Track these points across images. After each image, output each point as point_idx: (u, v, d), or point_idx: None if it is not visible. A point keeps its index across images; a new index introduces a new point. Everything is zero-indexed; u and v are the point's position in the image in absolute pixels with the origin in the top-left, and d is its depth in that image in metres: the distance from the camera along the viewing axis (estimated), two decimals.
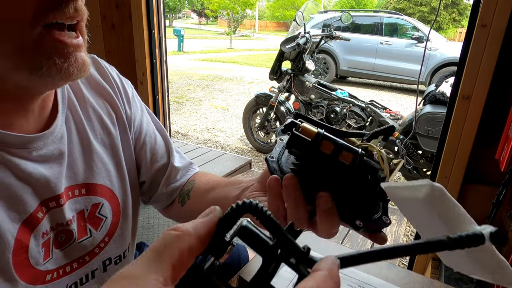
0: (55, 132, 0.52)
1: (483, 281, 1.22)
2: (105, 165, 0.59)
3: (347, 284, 0.65)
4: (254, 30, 31.38)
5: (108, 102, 0.62)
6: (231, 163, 3.23)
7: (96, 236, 0.57)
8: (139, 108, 0.69)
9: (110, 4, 2.01)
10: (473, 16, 1.24)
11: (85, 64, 0.45)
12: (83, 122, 0.57)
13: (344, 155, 0.37)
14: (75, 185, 0.55)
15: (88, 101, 0.59)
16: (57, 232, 0.52)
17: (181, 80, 7.85)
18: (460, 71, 1.31)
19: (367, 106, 3.11)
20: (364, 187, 0.39)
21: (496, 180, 1.25)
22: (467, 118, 1.31)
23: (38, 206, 0.49)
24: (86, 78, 0.60)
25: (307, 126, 0.38)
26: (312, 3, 4.04)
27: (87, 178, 0.56)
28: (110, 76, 0.64)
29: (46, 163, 0.50)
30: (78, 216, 0.55)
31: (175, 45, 13.20)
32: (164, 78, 2.17)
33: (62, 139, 0.53)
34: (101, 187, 0.58)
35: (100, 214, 0.58)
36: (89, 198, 0.57)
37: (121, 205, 0.62)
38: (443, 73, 4.88)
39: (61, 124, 0.53)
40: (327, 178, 0.39)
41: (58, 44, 0.42)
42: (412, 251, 0.23)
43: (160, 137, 0.72)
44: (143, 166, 0.68)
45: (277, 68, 3.49)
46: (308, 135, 0.37)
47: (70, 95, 0.57)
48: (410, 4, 21.51)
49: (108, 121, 0.61)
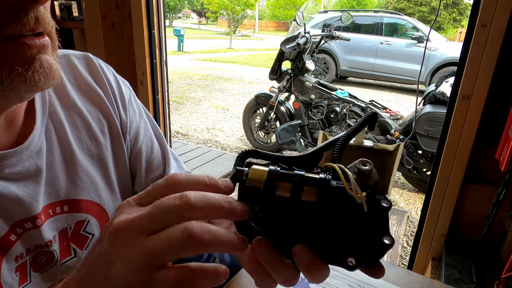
0: (31, 145, 0.47)
1: (483, 281, 1.23)
2: (91, 179, 0.55)
3: (347, 284, 0.65)
4: (254, 30, 31.37)
5: (99, 108, 0.57)
6: (231, 163, 3.23)
7: (81, 256, 0.53)
8: (136, 113, 0.64)
9: (110, 4, 2.01)
10: (473, 16, 1.24)
11: (52, 69, 0.39)
12: (66, 132, 0.52)
13: (306, 192, 0.29)
14: (56, 201, 0.51)
15: (75, 107, 0.54)
16: (35, 255, 0.48)
17: (181, 80, 7.85)
18: (460, 71, 1.31)
19: (367, 106, 3.11)
20: (348, 219, 0.31)
21: (496, 180, 1.25)
22: (467, 118, 1.31)
23: (9, 229, 0.45)
24: (75, 79, 0.56)
25: (257, 168, 0.30)
26: (312, 3, 4.04)
27: (70, 194, 0.52)
28: (105, 78, 0.58)
29: (20, 182, 0.46)
30: (60, 235, 0.51)
31: (175, 45, 13.19)
32: (164, 78, 2.17)
33: (40, 153, 0.48)
34: (86, 202, 0.54)
35: (86, 231, 0.54)
36: (72, 216, 0.52)
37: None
38: (443, 73, 4.87)
39: (39, 136, 0.48)
40: (299, 225, 0.31)
41: (18, 47, 0.36)
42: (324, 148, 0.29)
43: (158, 145, 0.67)
44: (138, 176, 0.64)
45: (277, 68, 3.49)
46: (258, 181, 0.29)
47: (52, 100, 0.52)
48: (410, 4, 21.50)
49: (97, 129, 0.56)
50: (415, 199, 3.03)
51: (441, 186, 1.42)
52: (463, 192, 1.40)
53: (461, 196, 1.41)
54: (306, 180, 0.30)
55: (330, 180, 0.30)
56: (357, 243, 0.30)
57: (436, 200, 1.45)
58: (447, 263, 1.35)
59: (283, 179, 0.30)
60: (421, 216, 1.55)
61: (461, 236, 1.47)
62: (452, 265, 1.33)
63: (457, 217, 1.44)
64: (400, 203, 2.95)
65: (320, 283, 0.66)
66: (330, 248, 0.31)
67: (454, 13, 20.38)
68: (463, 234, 1.46)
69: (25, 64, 0.37)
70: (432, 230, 1.49)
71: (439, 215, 1.45)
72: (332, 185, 0.30)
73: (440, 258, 1.47)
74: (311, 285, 0.65)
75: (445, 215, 1.44)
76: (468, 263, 1.33)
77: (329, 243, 0.31)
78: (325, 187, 0.29)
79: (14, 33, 0.35)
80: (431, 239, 1.50)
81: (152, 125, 0.67)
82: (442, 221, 1.46)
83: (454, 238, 1.47)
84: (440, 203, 1.44)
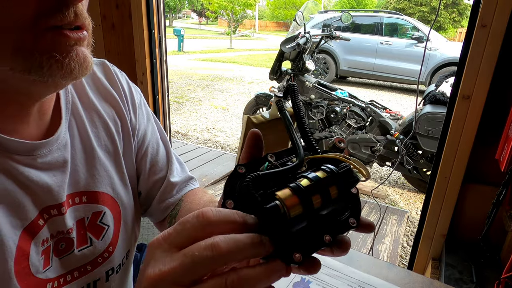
0: (59, 139, 0.51)
1: (483, 281, 1.23)
2: (108, 173, 0.58)
3: (347, 284, 0.65)
4: (254, 30, 31.37)
5: (114, 109, 0.61)
6: (231, 163, 3.23)
7: (97, 246, 0.56)
8: (145, 117, 0.68)
9: (110, 4, 2.01)
10: (473, 16, 1.24)
11: (86, 60, 0.43)
12: (86, 128, 0.56)
13: (332, 192, 0.31)
14: (77, 192, 0.54)
15: (94, 106, 0.58)
16: (57, 240, 0.51)
17: (181, 80, 7.85)
18: (460, 71, 1.31)
19: (367, 106, 3.11)
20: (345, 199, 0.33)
21: (496, 180, 1.25)
22: (467, 118, 1.31)
23: (38, 213, 0.48)
24: (93, 82, 0.60)
25: (285, 196, 0.30)
26: (312, 3, 4.04)
27: (89, 186, 0.56)
28: (119, 83, 0.63)
29: (50, 171, 0.50)
30: (78, 224, 0.54)
31: (175, 45, 13.20)
32: (164, 78, 2.17)
33: (66, 146, 0.52)
34: (102, 195, 0.57)
35: (102, 222, 0.57)
36: (90, 206, 0.56)
37: (122, 214, 0.61)
38: (443, 73, 4.88)
39: (65, 130, 0.53)
40: (307, 230, 0.31)
41: (58, 38, 0.40)
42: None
43: (163, 148, 0.70)
44: (142, 176, 0.67)
45: (277, 68, 3.49)
46: (297, 207, 0.29)
47: (74, 99, 0.56)
48: (410, 4, 21.50)
49: (113, 127, 0.60)
50: (415, 199, 3.03)
51: (441, 186, 1.42)
52: (463, 192, 1.40)
53: (461, 196, 1.41)
54: (326, 181, 0.31)
55: (344, 170, 0.32)
56: (335, 223, 0.32)
57: (436, 200, 1.45)
58: (447, 263, 1.35)
59: (312, 192, 0.30)
60: (421, 216, 1.55)
61: (461, 236, 1.47)
62: (452, 265, 1.33)
63: (457, 217, 1.44)
64: (400, 203, 2.95)
65: (320, 283, 0.66)
66: (318, 237, 0.32)
67: (454, 13, 20.39)
68: (463, 234, 1.46)
69: (63, 52, 0.40)
70: (432, 230, 1.49)
71: (439, 215, 1.45)
72: (350, 174, 0.33)
73: (440, 258, 1.47)
74: (311, 285, 0.65)
75: (445, 215, 1.44)
76: (468, 263, 1.33)
77: (319, 233, 0.32)
78: (342, 178, 0.32)
79: (56, 24, 0.39)
80: (431, 239, 1.50)
81: (159, 130, 0.71)
82: (442, 221, 1.46)
83: (454, 238, 1.47)
84: (440, 203, 1.44)
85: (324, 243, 0.31)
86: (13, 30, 0.38)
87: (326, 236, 0.31)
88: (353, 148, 3.13)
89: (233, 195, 0.32)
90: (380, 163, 3.12)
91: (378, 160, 3.08)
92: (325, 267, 0.70)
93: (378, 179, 3.40)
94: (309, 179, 0.31)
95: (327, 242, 0.31)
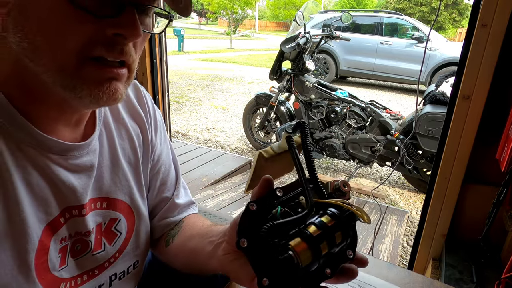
0: (91, 144, 0.55)
1: (483, 281, 1.23)
2: (128, 182, 0.62)
3: (347, 284, 0.65)
4: (254, 30, 31.37)
5: (139, 125, 0.66)
6: (231, 163, 3.23)
7: (108, 251, 0.59)
8: (162, 137, 0.72)
9: None
10: (473, 16, 1.24)
11: (116, 94, 0.46)
12: (114, 139, 0.60)
13: (337, 237, 0.37)
14: (99, 197, 0.57)
15: (122, 121, 0.63)
16: (74, 241, 0.53)
17: (181, 80, 7.85)
18: (460, 71, 1.31)
19: (367, 106, 3.11)
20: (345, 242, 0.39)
21: (496, 180, 1.25)
22: (467, 118, 1.31)
23: (60, 212, 0.51)
24: (125, 100, 0.65)
25: (299, 247, 0.35)
26: (312, 3, 4.04)
27: (110, 193, 0.59)
28: (146, 103, 0.69)
29: (77, 173, 0.52)
30: (97, 228, 0.57)
31: (175, 45, 13.19)
32: (164, 78, 2.17)
33: (96, 152, 0.56)
34: (121, 202, 0.60)
35: (116, 229, 0.60)
36: (108, 212, 0.58)
37: (136, 223, 0.64)
38: (443, 73, 4.88)
39: (96, 138, 0.56)
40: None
41: (98, 71, 0.43)
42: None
43: (174, 171, 0.74)
44: (150, 193, 0.70)
45: (277, 68, 3.49)
46: (307, 257, 0.35)
47: (106, 112, 0.60)
48: (410, 4, 21.50)
49: (136, 142, 0.64)
50: (415, 199, 3.03)
51: (441, 186, 1.42)
52: (463, 192, 1.40)
53: (461, 196, 1.41)
54: (332, 229, 0.36)
55: (347, 214, 0.37)
56: (334, 257, 0.38)
57: (436, 200, 1.45)
58: (447, 263, 1.35)
59: (321, 240, 0.35)
60: (421, 216, 1.55)
61: (461, 236, 1.47)
62: (452, 265, 1.33)
63: (457, 217, 1.44)
64: (400, 203, 2.95)
65: None
66: (321, 272, 0.38)
67: (454, 13, 20.39)
68: (463, 234, 1.46)
69: (98, 84, 0.44)
70: (432, 230, 1.49)
71: (439, 215, 1.45)
72: (353, 218, 0.38)
73: (440, 258, 1.47)
74: None
75: (445, 215, 1.44)
76: (468, 263, 1.33)
77: (321, 269, 0.38)
78: (346, 223, 0.37)
79: (101, 55, 0.42)
80: (431, 239, 1.50)
81: (172, 153, 0.75)
82: (442, 221, 1.46)
83: (454, 238, 1.47)
84: (440, 203, 1.44)
85: (325, 276, 0.37)
86: (59, 50, 0.41)
87: (327, 269, 0.37)
88: (353, 148, 3.13)
89: (246, 233, 0.37)
90: (380, 163, 3.12)
91: (378, 160, 3.08)
92: None
93: (378, 179, 3.40)
94: (316, 226, 0.36)
95: (328, 275, 0.37)
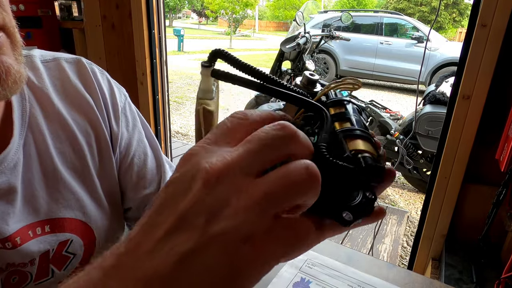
0: (5, 161, 0.42)
1: (483, 281, 1.23)
2: (75, 195, 0.50)
3: (347, 284, 0.65)
4: (254, 30, 31.36)
5: (87, 117, 0.52)
6: None
7: (58, 276, 0.50)
8: (130, 122, 0.58)
9: (110, 4, 2.01)
10: (473, 16, 1.24)
11: (10, 73, 0.33)
12: (47, 145, 0.47)
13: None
14: (36, 222, 0.47)
15: (59, 116, 0.49)
16: (8, 274, 0.46)
17: (181, 80, 7.85)
18: (460, 71, 1.31)
19: (367, 106, 3.11)
20: None
21: (496, 180, 1.25)
22: (467, 118, 1.30)
23: None
24: (62, 85, 0.50)
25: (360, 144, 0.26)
26: (312, 3, 4.04)
27: (51, 213, 0.48)
28: (96, 84, 0.53)
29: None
30: (41, 258, 0.48)
31: (175, 45, 13.19)
32: (164, 78, 2.17)
33: (15, 169, 0.43)
34: (69, 221, 0.50)
35: (68, 252, 0.51)
36: (56, 236, 0.49)
37: (97, 238, 0.54)
38: (443, 73, 4.88)
39: (15, 150, 0.44)
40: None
41: None
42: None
43: (152, 158, 0.61)
44: (128, 191, 0.59)
45: (277, 68, 3.49)
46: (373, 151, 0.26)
47: (33, 110, 0.47)
48: (410, 4, 21.50)
49: (82, 141, 0.51)
50: (415, 199, 3.03)
51: (441, 186, 1.42)
52: (463, 192, 1.40)
53: (461, 196, 1.41)
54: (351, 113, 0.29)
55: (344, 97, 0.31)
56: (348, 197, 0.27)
57: (436, 200, 1.45)
58: (447, 263, 1.35)
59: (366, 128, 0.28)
60: (421, 216, 1.55)
61: (461, 236, 1.46)
62: (452, 265, 1.33)
63: (457, 217, 1.44)
64: (400, 203, 2.95)
65: (320, 283, 0.66)
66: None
67: (454, 13, 20.39)
68: (463, 234, 1.46)
69: None
70: (432, 230, 1.49)
71: (439, 215, 1.45)
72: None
73: (440, 258, 1.47)
74: (311, 285, 0.65)
75: (445, 215, 1.44)
76: (468, 263, 1.33)
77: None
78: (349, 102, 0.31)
79: None
80: (431, 239, 1.50)
81: (148, 135, 0.62)
82: (442, 221, 1.46)
83: (454, 238, 1.47)
84: (440, 203, 1.44)
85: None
86: None
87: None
88: None
89: None
90: None
91: None
92: (325, 267, 0.70)
93: None
94: (346, 119, 0.27)
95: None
